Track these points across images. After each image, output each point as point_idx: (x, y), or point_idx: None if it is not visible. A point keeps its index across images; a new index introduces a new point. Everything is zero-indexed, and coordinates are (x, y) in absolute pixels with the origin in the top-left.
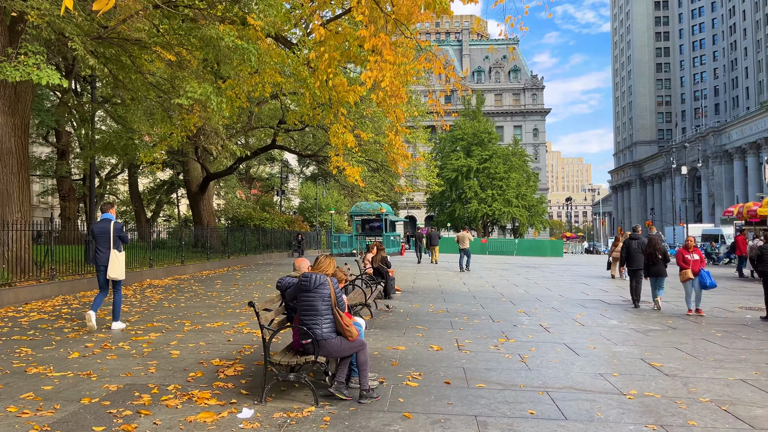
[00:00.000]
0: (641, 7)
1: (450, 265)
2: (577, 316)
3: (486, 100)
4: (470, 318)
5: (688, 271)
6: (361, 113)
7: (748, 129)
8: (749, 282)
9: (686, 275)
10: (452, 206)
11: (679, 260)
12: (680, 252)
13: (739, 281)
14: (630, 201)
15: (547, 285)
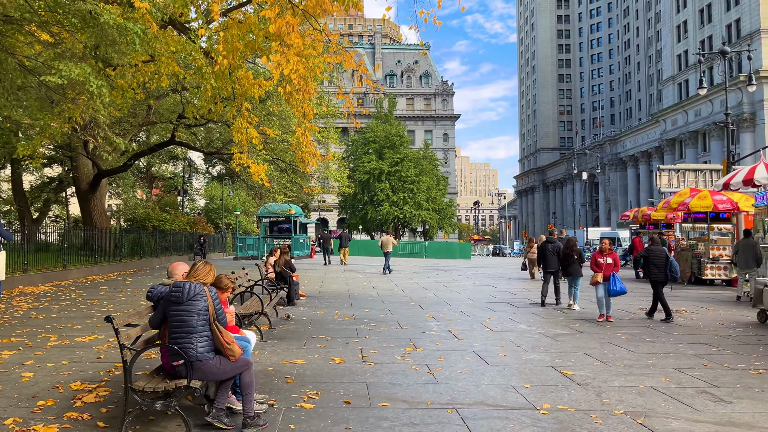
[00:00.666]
0: (545, 19)
1: (361, 267)
2: (487, 321)
3: (398, 103)
4: (377, 325)
5: (598, 275)
6: (268, 110)
7: (640, 139)
8: (646, 283)
9: (596, 279)
10: (364, 209)
11: (592, 264)
12: (594, 256)
13: (637, 282)
14: (534, 205)
15: (456, 288)
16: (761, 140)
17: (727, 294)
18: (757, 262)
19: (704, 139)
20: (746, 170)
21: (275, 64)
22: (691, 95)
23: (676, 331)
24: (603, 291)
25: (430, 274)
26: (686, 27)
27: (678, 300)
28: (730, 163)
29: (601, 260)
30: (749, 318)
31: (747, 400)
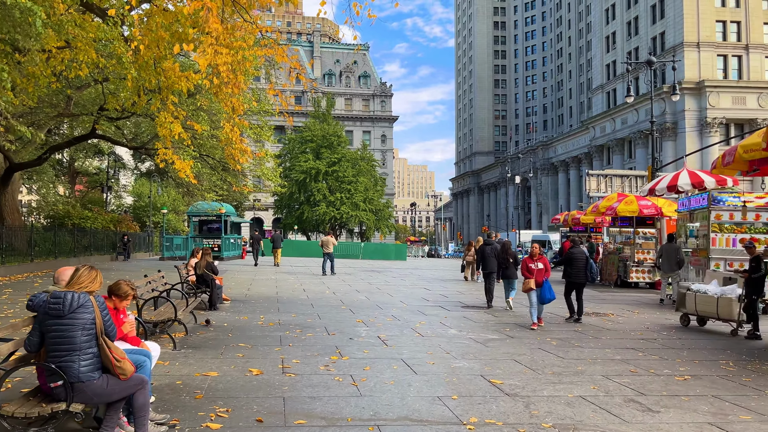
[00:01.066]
0: (482, 25)
1: (293, 269)
2: (417, 325)
3: (336, 103)
4: (304, 331)
5: (530, 281)
6: (198, 104)
7: (571, 145)
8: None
9: (528, 285)
10: (300, 209)
11: (523, 270)
12: (525, 261)
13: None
14: (469, 207)
15: (389, 290)
16: (682, 148)
17: (651, 297)
18: (679, 266)
19: (630, 146)
20: (670, 176)
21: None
22: (618, 104)
23: (604, 335)
24: (535, 297)
25: (364, 275)
26: (615, 38)
27: (605, 303)
28: (655, 169)
29: (532, 266)
30: (673, 321)
31: (674, 410)
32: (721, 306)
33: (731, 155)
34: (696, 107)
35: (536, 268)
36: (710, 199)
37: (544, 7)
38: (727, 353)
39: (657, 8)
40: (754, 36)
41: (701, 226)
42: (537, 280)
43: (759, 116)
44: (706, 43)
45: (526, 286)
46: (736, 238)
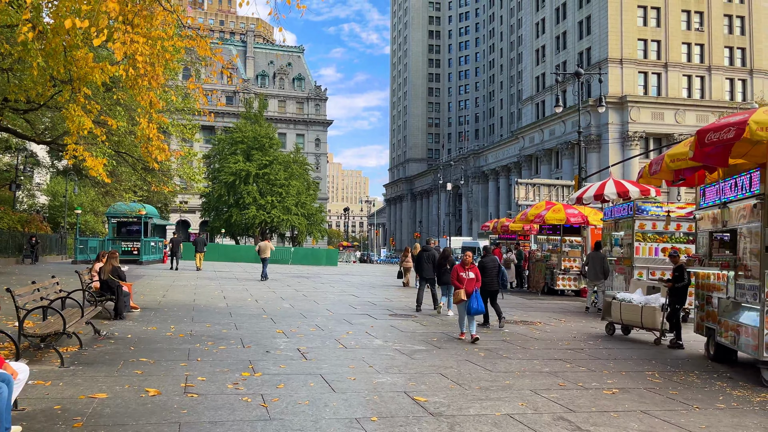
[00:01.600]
0: (418, 33)
1: (216, 274)
2: (342, 336)
3: (269, 105)
4: (216, 343)
5: (461, 292)
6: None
7: (501, 154)
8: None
9: (459, 296)
10: (229, 212)
11: (453, 279)
12: (455, 270)
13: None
14: (402, 214)
15: (316, 297)
16: (605, 160)
17: (577, 304)
18: (604, 274)
19: (557, 156)
20: (597, 185)
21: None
22: (547, 115)
23: (532, 345)
24: (465, 308)
25: (291, 281)
26: (544, 51)
27: (533, 311)
28: (581, 179)
29: (463, 275)
30: (598, 330)
31: (603, 427)
32: (645, 315)
33: (658, 164)
34: (618, 121)
35: (467, 278)
36: (634, 208)
37: (477, 19)
38: (652, 363)
39: (584, 24)
40: (673, 55)
41: (626, 235)
42: (467, 290)
43: (676, 131)
44: (628, 60)
45: (457, 297)
46: (658, 247)
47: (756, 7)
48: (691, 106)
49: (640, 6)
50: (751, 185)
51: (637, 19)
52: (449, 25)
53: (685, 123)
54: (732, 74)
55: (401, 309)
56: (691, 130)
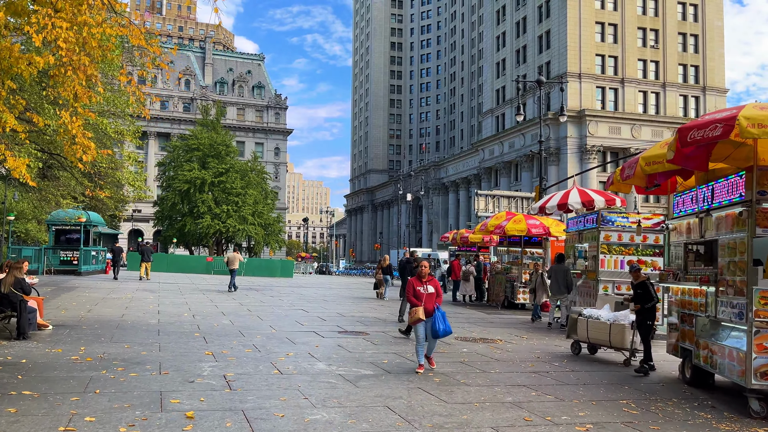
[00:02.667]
0: (379, 44)
1: (161, 286)
2: (280, 359)
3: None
4: (128, 369)
5: (419, 310)
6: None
7: (462, 165)
8: (463, 307)
9: (416, 315)
10: (183, 221)
11: (409, 295)
12: (411, 284)
13: (454, 306)
14: (363, 225)
15: (261, 312)
16: (564, 172)
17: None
18: (567, 288)
19: (516, 169)
20: (561, 194)
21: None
22: (507, 128)
23: (493, 367)
24: (424, 330)
25: (238, 294)
26: (504, 65)
27: (493, 326)
28: (542, 189)
29: (420, 289)
30: (563, 349)
31: None
32: (614, 333)
33: (631, 168)
34: (577, 134)
35: (426, 293)
36: (599, 218)
37: (439, 32)
38: (626, 390)
39: (543, 39)
40: (629, 71)
41: (590, 246)
42: (427, 307)
43: (632, 146)
44: (587, 75)
45: (414, 317)
46: (624, 260)
47: (709, 26)
48: (646, 121)
49: (598, 22)
50: (734, 191)
51: (596, 35)
52: (411, 37)
53: (641, 137)
54: (686, 91)
55: (353, 325)
56: (647, 145)
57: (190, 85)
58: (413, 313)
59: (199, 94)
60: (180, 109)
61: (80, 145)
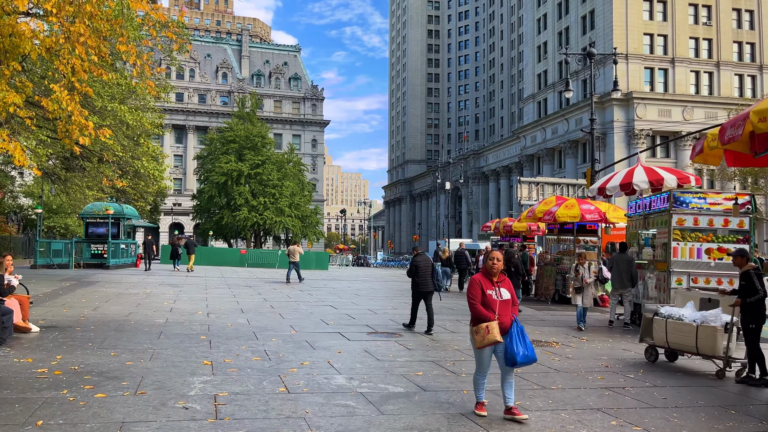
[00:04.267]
0: (416, 32)
1: (186, 280)
2: (292, 370)
3: (265, 105)
4: (98, 387)
5: (492, 327)
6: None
7: (502, 154)
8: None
9: (490, 336)
10: (220, 213)
11: (475, 301)
12: (477, 283)
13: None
14: (401, 216)
15: (284, 309)
16: (611, 158)
17: (597, 317)
18: (632, 281)
19: (560, 155)
20: (623, 173)
21: None
22: (549, 113)
23: (554, 380)
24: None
25: (265, 288)
26: (546, 48)
27: (545, 326)
28: (594, 172)
29: (492, 294)
30: (633, 354)
31: None
32: (702, 337)
33: (737, 128)
34: (624, 118)
35: (499, 299)
36: (671, 199)
37: (477, 17)
38: (733, 416)
39: (587, 19)
40: (680, 50)
41: (659, 233)
42: (502, 321)
43: (684, 129)
44: (634, 55)
45: (486, 338)
46: (701, 247)
47: (765, 1)
48: (699, 102)
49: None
50: None
51: (643, 12)
52: (449, 24)
53: (693, 120)
54: (741, 70)
55: (385, 325)
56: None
57: (227, 78)
58: (483, 333)
59: (236, 86)
60: (218, 103)
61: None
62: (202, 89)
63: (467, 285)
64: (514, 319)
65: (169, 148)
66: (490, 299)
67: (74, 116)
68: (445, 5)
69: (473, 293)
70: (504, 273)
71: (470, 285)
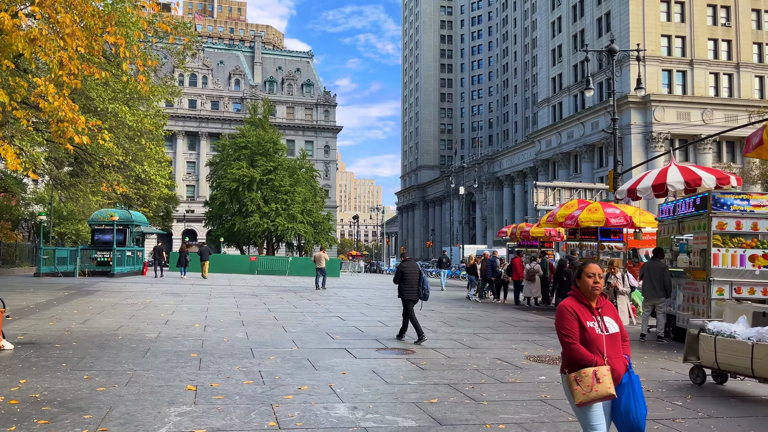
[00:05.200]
0: (429, 38)
1: (191, 288)
2: (287, 397)
3: (278, 112)
4: (54, 421)
5: (604, 375)
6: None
7: (517, 158)
8: (528, 312)
9: (599, 389)
10: (232, 220)
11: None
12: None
13: (518, 311)
14: (414, 222)
15: (288, 321)
16: (628, 162)
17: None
18: (665, 291)
19: (576, 160)
20: (656, 173)
21: None
22: (564, 117)
23: None
24: (605, 419)
25: (271, 297)
26: (561, 51)
27: None
28: (616, 174)
29: (593, 326)
30: (675, 375)
31: None
32: (760, 358)
33: None
34: (642, 122)
35: (604, 333)
36: (710, 201)
37: (490, 22)
38: None
39: (603, 21)
40: (699, 51)
41: (697, 238)
42: (615, 368)
43: (703, 132)
44: (651, 57)
45: (591, 392)
46: (744, 254)
47: None
48: (719, 104)
49: (663, 0)
50: None
51: (660, 14)
52: (461, 29)
53: (713, 123)
54: (762, 72)
55: (396, 338)
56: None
57: (240, 85)
58: (589, 383)
59: (249, 93)
60: (231, 109)
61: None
62: (214, 96)
63: (556, 316)
64: (628, 363)
65: (182, 155)
66: (593, 334)
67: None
68: (458, 10)
69: (567, 327)
70: (605, 295)
71: (561, 316)
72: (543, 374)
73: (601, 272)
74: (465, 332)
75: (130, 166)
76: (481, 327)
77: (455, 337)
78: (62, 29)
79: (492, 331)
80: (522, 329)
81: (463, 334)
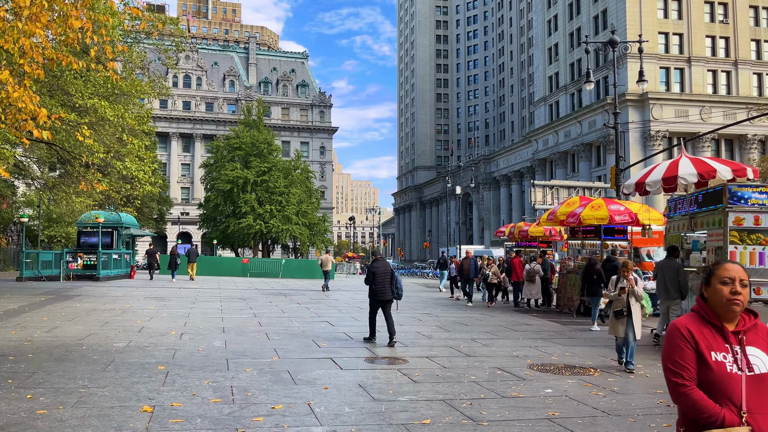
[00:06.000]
0: (424, 38)
1: (178, 292)
2: (257, 419)
3: (273, 113)
4: None
5: None
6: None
7: (513, 158)
8: (528, 315)
9: None
10: (226, 222)
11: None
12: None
13: (517, 313)
14: (411, 223)
15: (273, 328)
16: (627, 161)
17: None
18: (681, 292)
19: (573, 159)
20: (666, 165)
21: None
22: (561, 116)
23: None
24: None
25: (260, 301)
26: (557, 50)
27: (576, 345)
28: (618, 170)
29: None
30: None
31: None
32: None
33: None
34: (639, 119)
35: (745, 373)
36: (726, 194)
37: (486, 22)
38: None
39: (600, 19)
40: (696, 49)
41: (711, 234)
42: (762, 428)
43: (701, 130)
44: (649, 55)
45: None
46: (764, 252)
47: None
48: (717, 102)
49: None
50: None
51: (657, 11)
52: (457, 29)
53: (711, 120)
54: (760, 69)
55: (388, 346)
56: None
57: (234, 86)
58: None
59: (244, 94)
60: (225, 111)
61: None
62: (209, 97)
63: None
64: None
65: (176, 157)
66: (721, 373)
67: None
68: (453, 10)
69: (677, 361)
70: (749, 314)
71: (670, 341)
72: (548, 386)
73: (745, 277)
74: (462, 338)
75: (111, 163)
76: (479, 332)
77: (452, 343)
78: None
79: (491, 337)
80: (523, 334)
81: (460, 340)
